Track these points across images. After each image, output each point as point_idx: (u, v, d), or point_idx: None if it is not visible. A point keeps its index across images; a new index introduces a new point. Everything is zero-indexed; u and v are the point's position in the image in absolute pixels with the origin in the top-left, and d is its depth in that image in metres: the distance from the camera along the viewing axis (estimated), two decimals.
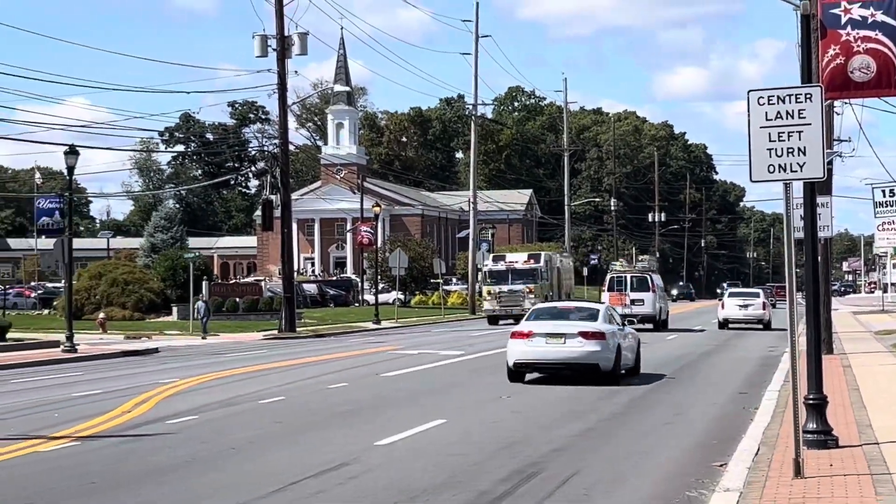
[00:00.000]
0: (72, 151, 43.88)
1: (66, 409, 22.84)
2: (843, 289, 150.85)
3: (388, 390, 26.14)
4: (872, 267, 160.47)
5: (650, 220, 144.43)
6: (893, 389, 23.38)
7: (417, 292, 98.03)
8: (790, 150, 13.58)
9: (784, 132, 13.61)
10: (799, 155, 13.57)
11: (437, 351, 40.47)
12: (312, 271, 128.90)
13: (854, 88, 17.05)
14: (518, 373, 27.50)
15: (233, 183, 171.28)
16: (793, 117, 13.59)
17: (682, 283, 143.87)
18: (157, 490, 13.79)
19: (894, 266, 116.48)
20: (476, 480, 14.12)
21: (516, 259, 68.77)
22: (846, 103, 37.51)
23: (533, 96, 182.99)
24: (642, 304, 53.63)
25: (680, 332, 53.26)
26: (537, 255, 70.61)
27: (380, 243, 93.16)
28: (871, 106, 44.97)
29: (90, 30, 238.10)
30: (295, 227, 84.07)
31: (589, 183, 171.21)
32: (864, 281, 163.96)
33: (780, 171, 13.66)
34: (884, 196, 37.94)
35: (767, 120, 13.65)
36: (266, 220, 60.64)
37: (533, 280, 65.38)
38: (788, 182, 13.84)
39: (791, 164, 13.61)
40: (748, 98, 13.73)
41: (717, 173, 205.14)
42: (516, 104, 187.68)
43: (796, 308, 14.30)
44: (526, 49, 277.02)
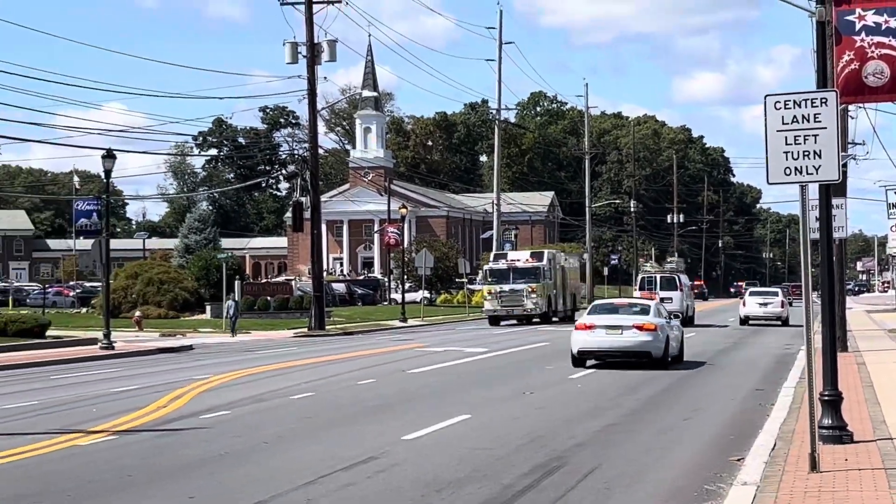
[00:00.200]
0: (109, 155, 44.04)
1: (104, 404, 22.92)
2: (857, 288, 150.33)
3: (414, 386, 26.15)
4: (886, 266, 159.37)
5: (669, 221, 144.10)
6: None
7: (443, 291, 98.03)
8: (806, 153, 13.53)
9: (800, 135, 13.56)
10: (814, 158, 13.52)
11: (462, 348, 40.46)
12: (341, 271, 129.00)
13: (868, 93, 16.99)
14: (580, 359, 30.28)
15: (264, 185, 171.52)
16: (808, 121, 13.54)
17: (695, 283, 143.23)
18: (192, 483, 13.82)
19: None
20: (500, 474, 14.10)
21: (518, 257, 65.17)
22: (860, 107, 37.34)
23: (555, 101, 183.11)
24: (671, 301, 53.65)
25: (705, 327, 53.66)
26: (540, 253, 66.34)
27: (406, 244, 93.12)
28: (884, 110, 44.96)
29: (127, 38, 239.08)
30: (324, 228, 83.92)
31: (609, 185, 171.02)
32: (878, 280, 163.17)
33: (796, 174, 13.61)
34: None
35: (784, 124, 13.61)
36: (296, 221, 60.82)
37: (535, 279, 61.41)
38: (804, 184, 13.79)
39: (807, 167, 13.56)
40: (765, 102, 13.68)
41: (734, 176, 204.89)
42: (539, 109, 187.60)
43: (812, 307, 14.23)
44: (548, 55, 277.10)
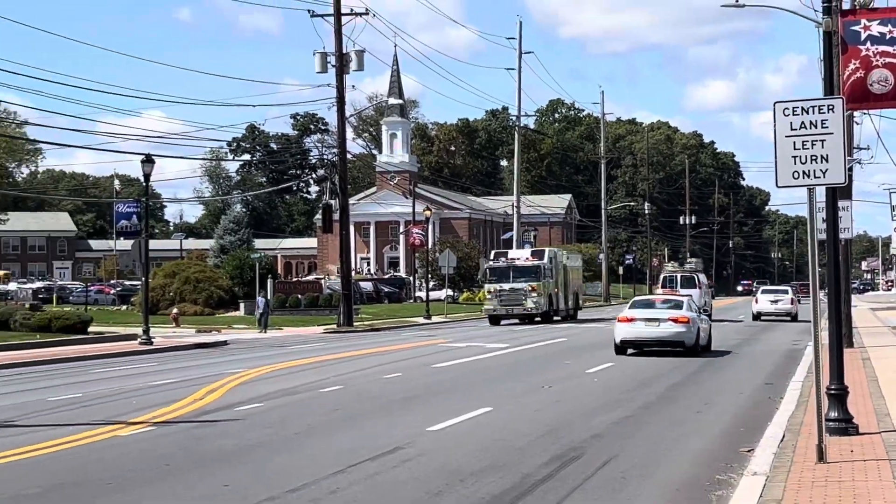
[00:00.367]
0: (148, 160, 44.20)
1: (143, 396, 23.01)
2: (862, 287, 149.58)
3: (438, 380, 26.16)
4: (889, 266, 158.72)
5: (681, 222, 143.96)
6: None
7: (465, 290, 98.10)
8: (813, 158, 13.52)
9: (808, 141, 13.54)
10: (822, 162, 13.50)
11: (484, 344, 40.43)
12: (368, 270, 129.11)
13: (873, 100, 16.90)
14: (623, 347, 33.00)
15: (295, 189, 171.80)
16: (816, 127, 13.52)
17: None
18: (227, 471, 13.88)
19: None
20: (520, 464, 14.12)
21: (518, 255, 61.67)
22: (865, 114, 37.25)
23: (572, 108, 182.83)
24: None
25: (720, 322, 53.72)
26: (541, 251, 63.02)
27: (430, 244, 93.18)
28: (888, 116, 44.72)
29: (165, 48, 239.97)
30: (352, 229, 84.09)
31: (624, 188, 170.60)
32: (882, 279, 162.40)
33: (804, 177, 13.59)
34: None
35: (792, 129, 13.59)
36: (326, 223, 60.88)
37: (536, 278, 58.28)
38: (812, 187, 13.78)
39: (814, 171, 13.54)
40: (774, 109, 13.66)
41: (744, 179, 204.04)
42: (557, 115, 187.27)
43: (819, 305, 14.21)
44: (566, 64, 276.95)
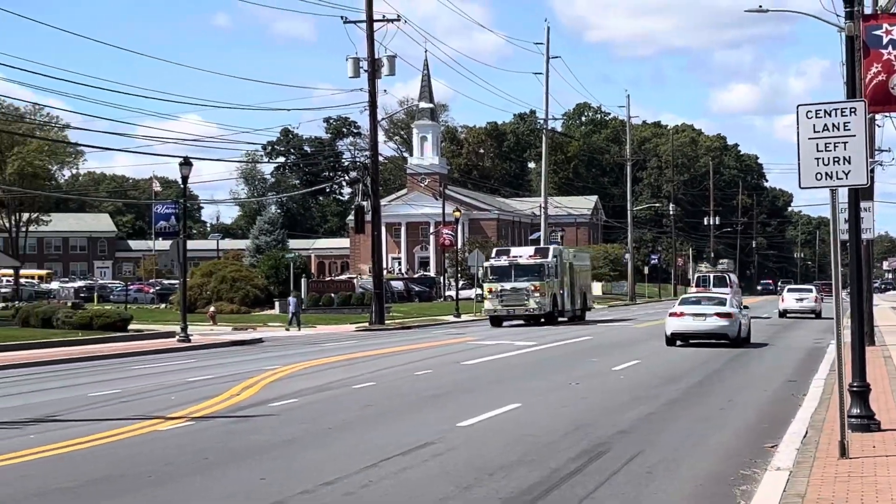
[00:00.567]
0: (186, 163, 44.39)
1: (182, 392, 23.11)
2: (883, 286, 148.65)
3: (468, 376, 26.15)
4: None
5: (706, 223, 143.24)
6: None
7: None
8: (836, 160, 13.44)
9: (830, 143, 13.47)
10: (844, 164, 13.43)
11: (512, 341, 40.37)
12: (399, 270, 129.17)
13: (895, 103, 16.78)
14: (672, 339, 35.85)
15: (328, 191, 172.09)
16: (839, 129, 13.44)
17: None
18: (263, 465, 13.91)
19: None
20: (548, 459, 14.09)
21: (521, 253, 57.77)
22: (887, 116, 36.93)
23: (598, 111, 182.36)
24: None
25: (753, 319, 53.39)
26: (545, 249, 59.10)
27: (460, 244, 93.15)
28: None
29: (202, 53, 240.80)
30: (384, 229, 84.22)
31: (649, 190, 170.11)
32: None
33: (826, 179, 13.52)
34: None
35: (815, 132, 13.51)
36: (358, 223, 60.98)
37: (539, 277, 54.83)
38: (835, 188, 13.70)
39: (837, 172, 13.46)
40: (798, 112, 13.59)
41: (766, 180, 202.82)
42: (583, 118, 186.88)
43: (841, 304, 14.12)
44: (592, 69, 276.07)
